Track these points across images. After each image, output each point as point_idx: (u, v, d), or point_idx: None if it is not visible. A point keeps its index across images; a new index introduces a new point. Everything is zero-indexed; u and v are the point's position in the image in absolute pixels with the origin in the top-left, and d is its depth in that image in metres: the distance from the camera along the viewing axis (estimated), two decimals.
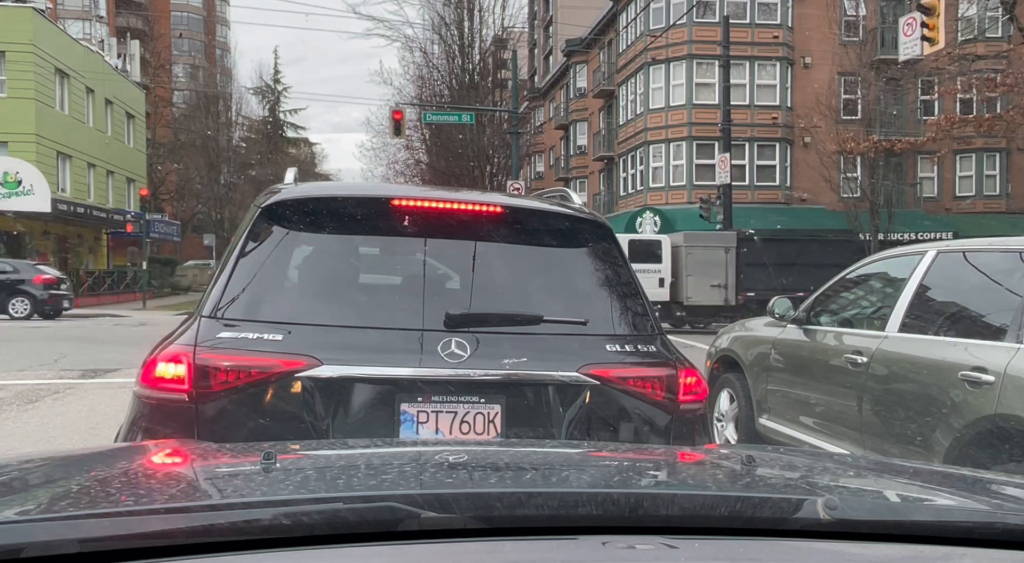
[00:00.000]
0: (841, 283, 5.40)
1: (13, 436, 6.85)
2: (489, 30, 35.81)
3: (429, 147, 37.41)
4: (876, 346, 4.49)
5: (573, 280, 2.93)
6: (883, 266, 5.14)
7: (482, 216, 2.89)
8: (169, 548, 1.00)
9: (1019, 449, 3.49)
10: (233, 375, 2.45)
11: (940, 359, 3.99)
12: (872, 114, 25.98)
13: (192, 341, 2.51)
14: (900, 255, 5.00)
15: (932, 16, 14.12)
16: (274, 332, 2.51)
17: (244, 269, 2.69)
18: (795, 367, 5.35)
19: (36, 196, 26.52)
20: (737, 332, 6.44)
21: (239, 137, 60.29)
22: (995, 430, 3.58)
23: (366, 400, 2.53)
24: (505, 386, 2.57)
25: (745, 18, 28.83)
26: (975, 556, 1.10)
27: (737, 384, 6.03)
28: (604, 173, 37.88)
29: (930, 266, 4.48)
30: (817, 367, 5.07)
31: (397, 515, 1.07)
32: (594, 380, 2.62)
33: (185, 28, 69.63)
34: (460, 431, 2.54)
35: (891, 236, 25.71)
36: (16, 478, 1.39)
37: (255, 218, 2.82)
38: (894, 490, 1.46)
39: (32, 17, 29.21)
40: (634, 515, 1.14)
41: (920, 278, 4.47)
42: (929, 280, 4.46)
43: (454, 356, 2.54)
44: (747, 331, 6.23)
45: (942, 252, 4.49)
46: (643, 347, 2.80)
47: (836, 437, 4.82)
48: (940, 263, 4.45)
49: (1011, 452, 3.52)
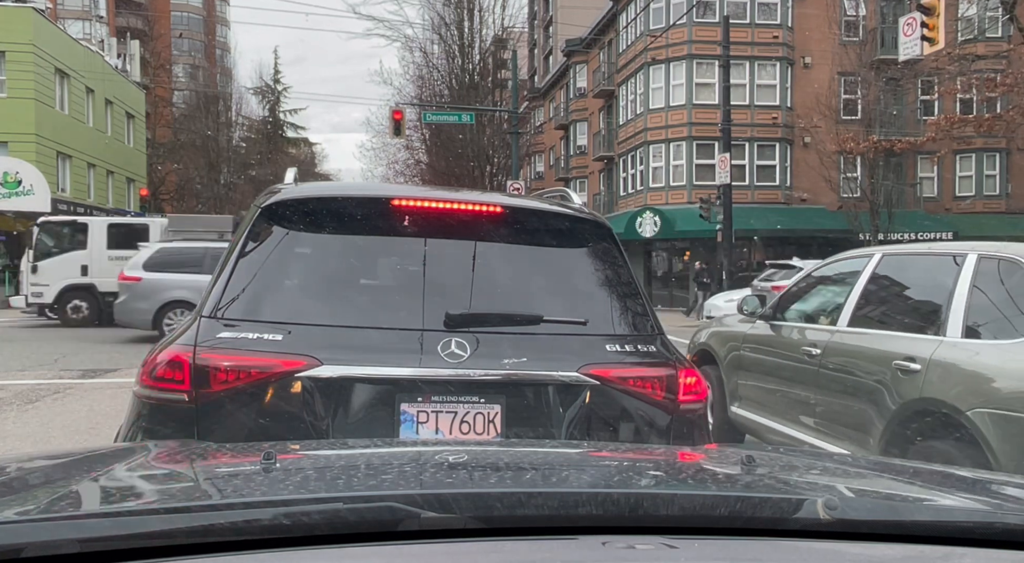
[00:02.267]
0: (805, 281, 5.90)
1: (13, 436, 6.85)
2: (489, 30, 35.87)
3: (429, 147, 37.42)
4: (828, 339, 5.01)
5: (573, 280, 2.93)
6: (840, 266, 5.61)
7: (482, 216, 2.89)
8: (169, 548, 1.00)
9: (940, 427, 4.00)
10: (233, 375, 2.45)
11: (879, 350, 4.52)
12: (872, 114, 25.99)
13: (192, 341, 2.51)
14: (854, 257, 5.51)
15: (932, 16, 14.13)
16: (274, 332, 2.51)
17: (244, 269, 2.68)
18: (762, 360, 5.80)
19: (36, 196, 26.50)
20: (715, 328, 6.89)
21: (239, 137, 60.27)
22: (921, 411, 4.11)
23: (366, 400, 2.53)
24: (505, 386, 2.56)
25: (745, 18, 28.83)
26: (975, 556, 1.10)
27: (712, 375, 6.34)
28: (604, 173, 37.88)
29: (876, 267, 5.02)
30: (780, 359, 5.55)
31: (397, 515, 1.07)
32: (594, 380, 2.62)
33: (185, 28, 69.61)
34: (460, 431, 2.53)
35: (891, 236, 25.72)
36: (16, 478, 1.39)
37: (255, 218, 2.82)
38: (894, 490, 1.46)
39: (32, 17, 29.20)
40: (634, 515, 1.14)
41: (867, 278, 5.00)
42: (874, 280, 5.00)
43: (454, 356, 2.54)
44: (723, 327, 6.68)
45: (886, 255, 5.08)
46: (643, 347, 2.80)
47: (796, 423, 5.21)
48: (884, 264, 5.01)
49: (933, 430, 4.04)
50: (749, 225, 25.20)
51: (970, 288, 4.22)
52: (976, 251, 4.37)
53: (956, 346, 4.10)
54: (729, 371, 6.19)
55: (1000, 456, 3.66)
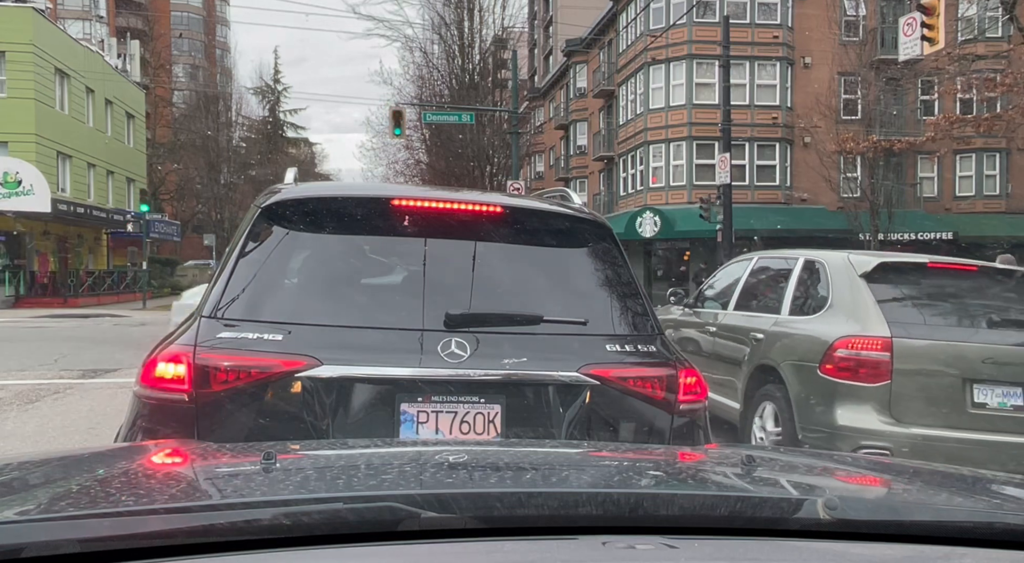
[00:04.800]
0: (714, 277, 7.95)
1: (13, 436, 6.85)
2: (489, 30, 35.80)
3: (429, 147, 37.38)
4: (720, 320, 6.92)
5: (573, 280, 2.94)
6: (734, 267, 7.57)
7: (482, 216, 2.89)
8: (169, 548, 1.00)
9: (770, 378, 5.76)
10: (233, 375, 2.45)
11: (744, 326, 6.37)
12: (872, 114, 25.95)
13: (192, 341, 2.51)
14: (743, 259, 7.53)
15: (932, 16, 14.12)
16: (274, 332, 2.51)
17: (244, 269, 2.69)
18: (683, 335, 7.61)
19: (36, 196, 26.48)
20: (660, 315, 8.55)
21: (239, 137, 60.23)
22: (761, 367, 5.91)
23: (366, 400, 2.53)
24: (505, 386, 2.57)
25: (745, 18, 28.81)
26: (975, 556, 1.10)
27: None
28: (604, 173, 37.87)
29: (753, 267, 6.97)
30: (693, 335, 7.41)
31: (397, 515, 1.07)
32: (594, 380, 2.62)
33: (185, 28, 69.58)
34: (460, 431, 2.53)
35: (891, 236, 25.71)
36: (16, 478, 1.39)
37: (255, 218, 2.82)
38: (894, 490, 1.46)
39: (32, 17, 29.18)
40: (634, 515, 1.14)
41: (747, 275, 6.95)
42: (751, 275, 6.91)
43: (454, 356, 2.54)
44: (667, 314, 8.25)
45: (760, 258, 7.17)
46: (643, 347, 2.80)
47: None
48: (758, 265, 6.96)
49: (767, 380, 5.80)
50: (749, 225, 25.15)
51: (796, 281, 6.05)
52: (803, 256, 6.22)
53: (781, 323, 5.91)
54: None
55: (792, 391, 5.43)
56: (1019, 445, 4.99)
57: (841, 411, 5.07)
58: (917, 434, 4.95)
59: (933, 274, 5.59)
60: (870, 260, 5.53)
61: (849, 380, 5.07)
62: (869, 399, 5.00)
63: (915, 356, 5.02)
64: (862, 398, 5.01)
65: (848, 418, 5.04)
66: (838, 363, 5.11)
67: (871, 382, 4.99)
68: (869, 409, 5.01)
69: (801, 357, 5.41)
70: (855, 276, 5.45)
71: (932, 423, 4.99)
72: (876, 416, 4.99)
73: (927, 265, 5.64)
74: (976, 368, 5.02)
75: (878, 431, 4.96)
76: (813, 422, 5.24)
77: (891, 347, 4.97)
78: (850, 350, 5.09)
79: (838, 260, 5.76)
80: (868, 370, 5.01)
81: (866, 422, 5.00)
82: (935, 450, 4.90)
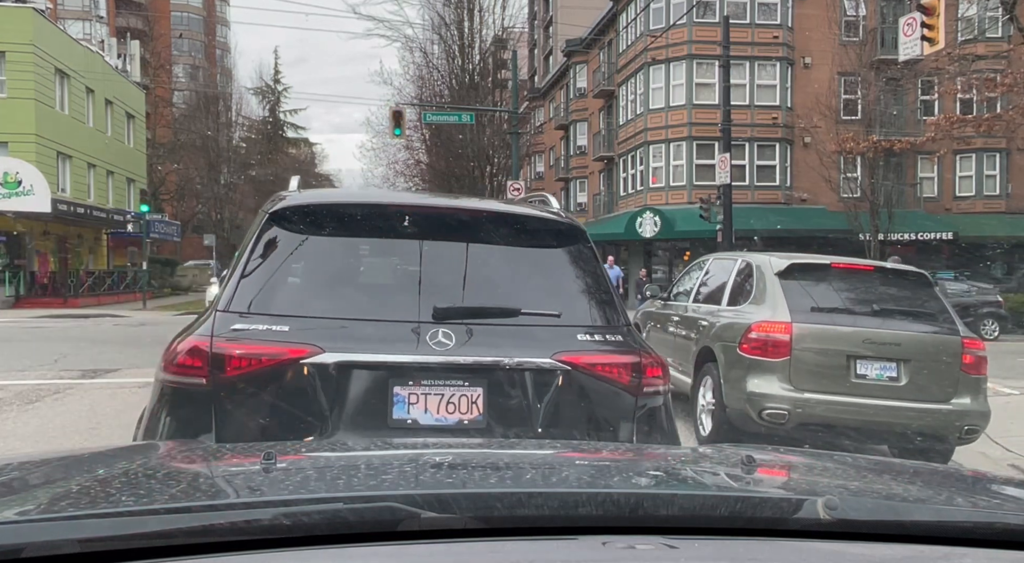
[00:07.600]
0: (683, 275, 9.37)
1: (13, 436, 6.85)
2: (489, 30, 35.83)
3: (429, 147, 37.39)
4: (683, 312, 8.28)
5: (549, 277, 3.27)
6: (697, 266, 8.88)
7: (470, 221, 3.24)
8: (169, 548, 1.00)
9: (710, 358, 7.00)
10: (245, 362, 2.75)
11: (695, 317, 7.80)
12: (872, 114, 25.97)
13: (209, 332, 2.81)
14: (703, 260, 8.92)
15: (932, 16, 14.12)
16: (281, 324, 2.82)
17: (254, 269, 3.00)
18: (656, 326, 9.06)
19: (36, 196, 26.47)
20: (642, 309, 10.36)
21: (239, 137, 60.21)
22: (704, 350, 7.19)
23: (363, 383, 2.81)
24: (486, 371, 2.86)
25: (745, 18, 28.82)
26: (975, 556, 1.10)
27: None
28: (604, 173, 37.88)
29: (708, 266, 8.49)
30: (663, 325, 8.81)
31: (397, 515, 1.07)
32: (566, 366, 2.91)
33: (185, 28, 69.60)
34: (447, 411, 2.82)
35: (891, 236, 25.72)
36: (16, 478, 1.40)
37: (263, 222, 3.13)
38: (894, 490, 1.46)
39: (32, 17, 29.18)
40: (634, 515, 1.14)
41: (702, 273, 8.42)
42: (705, 273, 8.39)
43: (441, 345, 2.83)
44: (649, 307, 9.77)
45: (713, 259, 8.67)
46: (611, 337, 3.11)
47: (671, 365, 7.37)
48: (712, 265, 8.41)
49: (708, 360, 7.04)
50: (749, 225, 25.15)
51: (734, 278, 7.34)
52: (741, 258, 7.60)
53: (720, 312, 7.26)
54: (646, 335, 9.17)
55: (720, 367, 6.71)
56: (890, 407, 6.19)
57: (753, 380, 6.33)
58: (811, 398, 6.18)
59: (835, 272, 6.79)
60: (784, 261, 6.77)
61: (759, 356, 6.34)
62: (774, 371, 6.27)
63: (810, 337, 6.28)
64: (769, 370, 6.29)
65: (757, 386, 6.30)
66: (752, 343, 6.39)
67: (776, 357, 6.28)
68: (774, 379, 6.26)
69: (728, 339, 6.72)
70: (772, 274, 6.67)
71: (823, 390, 6.21)
72: (779, 384, 6.24)
73: (831, 265, 6.85)
74: (858, 347, 6.26)
75: (780, 395, 6.21)
76: (734, 390, 6.48)
77: (791, 330, 6.27)
78: (760, 332, 6.37)
79: (763, 261, 7.04)
80: (773, 348, 6.30)
81: (771, 389, 6.25)
82: (825, 411, 6.20)
